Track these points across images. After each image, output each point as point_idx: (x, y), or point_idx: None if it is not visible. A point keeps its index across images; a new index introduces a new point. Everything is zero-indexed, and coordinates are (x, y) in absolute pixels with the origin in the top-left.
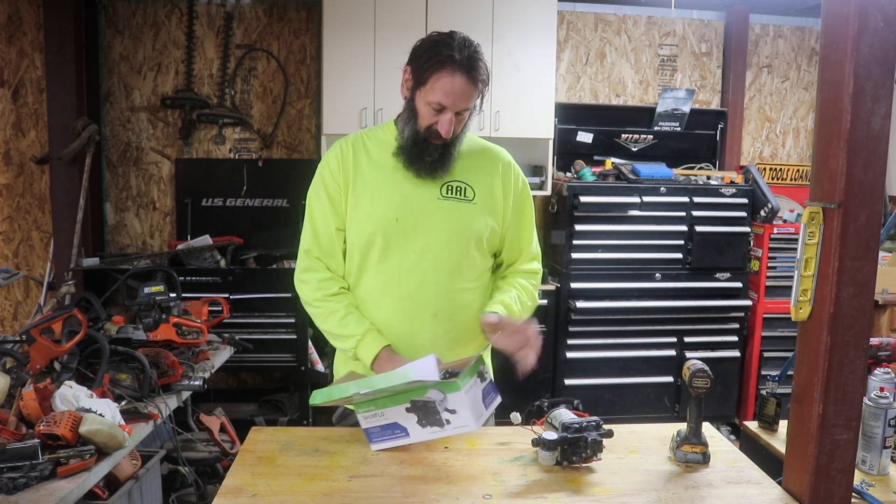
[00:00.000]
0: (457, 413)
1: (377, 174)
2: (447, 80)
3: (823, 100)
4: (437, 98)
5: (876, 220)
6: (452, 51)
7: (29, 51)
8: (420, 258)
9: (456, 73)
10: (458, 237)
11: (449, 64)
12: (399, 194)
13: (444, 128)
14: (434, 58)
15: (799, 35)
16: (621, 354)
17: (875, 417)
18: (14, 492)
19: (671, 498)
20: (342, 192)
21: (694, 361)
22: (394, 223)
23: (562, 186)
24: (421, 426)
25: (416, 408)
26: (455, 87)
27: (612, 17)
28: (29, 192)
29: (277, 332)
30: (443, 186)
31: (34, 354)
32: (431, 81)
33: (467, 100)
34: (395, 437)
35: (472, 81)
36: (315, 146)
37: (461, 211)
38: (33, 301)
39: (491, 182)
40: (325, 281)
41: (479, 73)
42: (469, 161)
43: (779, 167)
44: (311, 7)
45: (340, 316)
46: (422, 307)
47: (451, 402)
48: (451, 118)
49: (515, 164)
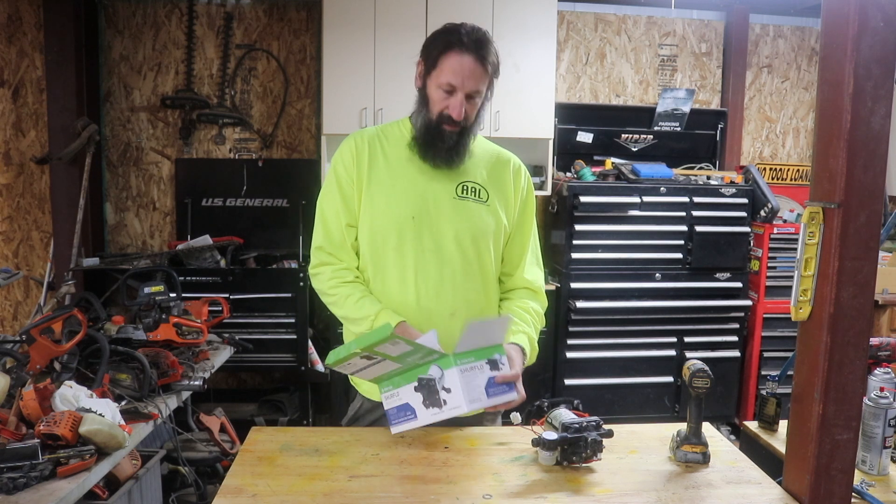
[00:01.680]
0: (451, 392)
1: (393, 170)
2: (455, 59)
3: (823, 100)
4: (446, 79)
5: (876, 220)
6: (461, 34)
7: (29, 51)
8: (436, 257)
9: (464, 53)
10: (474, 237)
11: (457, 45)
12: (415, 192)
13: (456, 109)
14: (443, 41)
15: (799, 35)
16: (621, 354)
17: (875, 417)
18: (14, 492)
19: (671, 498)
20: (355, 186)
21: (694, 361)
22: (409, 221)
23: (562, 186)
24: (425, 407)
25: (422, 386)
26: (464, 67)
27: (612, 17)
28: (29, 192)
29: (277, 332)
30: (458, 186)
31: (34, 354)
32: (441, 63)
33: (477, 81)
34: (406, 420)
35: (481, 62)
36: (315, 146)
37: (476, 211)
38: (33, 301)
39: (504, 185)
40: (340, 270)
41: (488, 55)
42: (483, 163)
43: (779, 167)
44: (311, 7)
45: (355, 299)
46: (440, 307)
47: (447, 380)
48: (461, 100)
49: (525, 169)
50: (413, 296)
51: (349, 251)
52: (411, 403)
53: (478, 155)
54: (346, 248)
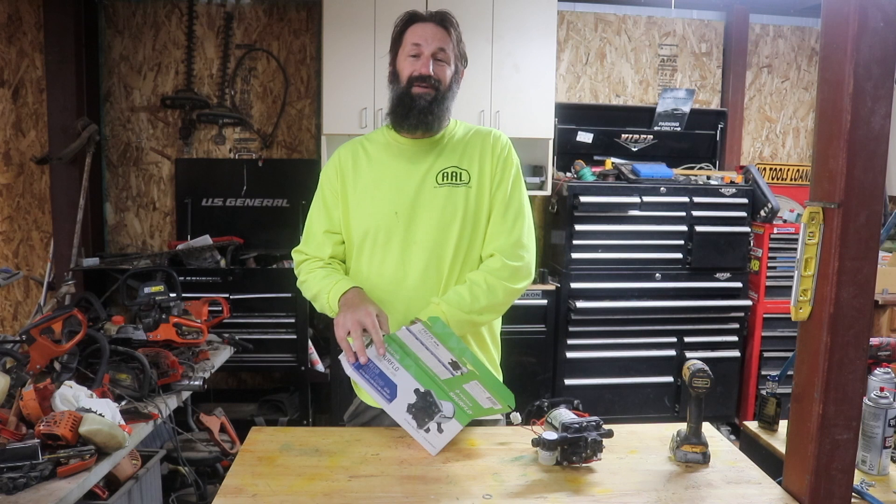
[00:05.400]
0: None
1: (376, 172)
2: (418, 27)
3: (823, 100)
4: (411, 41)
5: (876, 220)
6: (420, 12)
7: (29, 51)
8: (421, 248)
9: (425, 22)
10: (458, 222)
11: (418, 17)
12: (396, 188)
13: (425, 65)
14: (404, 19)
15: (799, 35)
16: (621, 354)
17: (875, 417)
18: (14, 492)
19: (671, 498)
20: (338, 197)
21: (694, 361)
22: (393, 217)
23: (562, 186)
24: (406, 410)
25: (420, 396)
26: (426, 31)
27: (612, 17)
28: (29, 192)
29: (277, 332)
30: (438, 174)
31: (34, 354)
32: (404, 37)
33: (440, 40)
34: (377, 392)
35: (442, 26)
36: (315, 146)
37: (457, 195)
38: (33, 301)
39: (482, 160)
40: (312, 264)
41: (448, 21)
42: (462, 145)
43: (779, 167)
44: (311, 7)
45: (321, 276)
46: (429, 296)
47: (446, 426)
48: (428, 56)
49: (505, 139)
50: (403, 289)
51: (324, 250)
52: (399, 391)
53: (458, 137)
54: (322, 248)
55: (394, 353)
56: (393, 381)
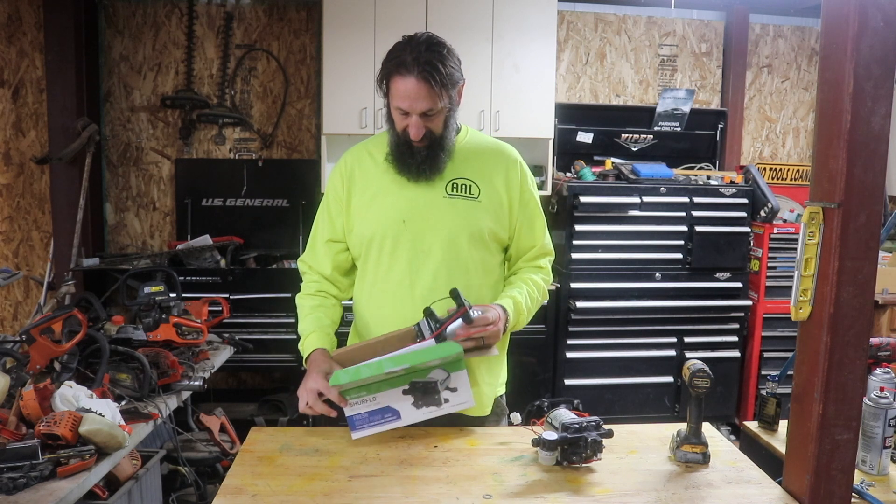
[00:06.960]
0: (458, 391)
1: (383, 178)
2: (401, 83)
3: (823, 100)
4: (396, 103)
5: (876, 220)
6: (404, 54)
7: (29, 51)
8: (430, 257)
9: (407, 76)
10: (466, 234)
11: (399, 68)
12: (404, 196)
13: (413, 131)
14: (388, 64)
15: (799, 35)
16: (621, 354)
17: (875, 417)
18: (14, 492)
19: (671, 498)
20: (343, 204)
21: (694, 361)
22: (401, 225)
23: (562, 186)
24: (416, 407)
25: (415, 389)
26: (409, 90)
27: (612, 17)
28: (29, 192)
29: (277, 332)
30: (448, 184)
31: (34, 354)
32: (391, 88)
33: (425, 101)
34: (383, 422)
35: (425, 81)
36: (315, 146)
37: (467, 208)
38: (33, 301)
39: (495, 180)
40: (309, 283)
41: (431, 73)
42: (475, 159)
43: (779, 167)
44: (311, 7)
45: (307, 310)
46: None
47: (454, 381)
48: (417, 121)
49: (522, 161)
50: (411, 299)
51: (325, 263)
52: (394, 406)
53: (471, 151)
54: (322, 260)
55: (359, 392)
56: (382, 407)
